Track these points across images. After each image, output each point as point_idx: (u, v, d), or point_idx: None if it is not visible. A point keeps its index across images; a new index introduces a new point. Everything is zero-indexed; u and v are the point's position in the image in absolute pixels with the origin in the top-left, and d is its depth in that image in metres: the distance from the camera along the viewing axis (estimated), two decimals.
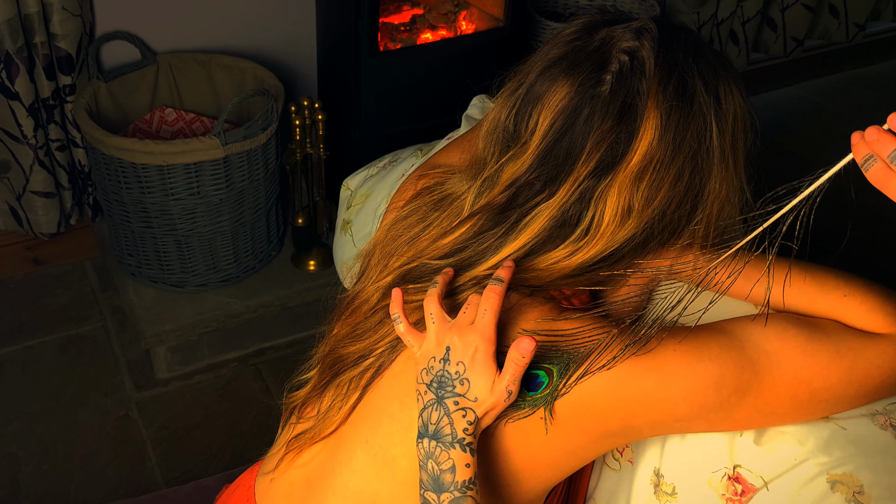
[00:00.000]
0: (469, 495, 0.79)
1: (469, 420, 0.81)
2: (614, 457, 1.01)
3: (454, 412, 0.81)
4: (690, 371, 0.81)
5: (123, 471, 1.83)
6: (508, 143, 0.90)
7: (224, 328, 2.01)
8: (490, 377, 0.81)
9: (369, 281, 0.96)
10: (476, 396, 0.81)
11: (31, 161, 1.98)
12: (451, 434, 0.80)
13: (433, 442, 0.81)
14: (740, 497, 0.88)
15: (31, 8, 1.80)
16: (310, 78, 2.28)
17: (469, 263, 0.89)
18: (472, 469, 0.80)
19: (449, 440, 0.80)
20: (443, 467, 0.80)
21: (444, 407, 0.81)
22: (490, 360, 0.81)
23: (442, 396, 0.82)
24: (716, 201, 0.87)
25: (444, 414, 0.81)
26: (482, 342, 0.81)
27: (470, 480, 0.80)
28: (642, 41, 0.85)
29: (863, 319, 0.87)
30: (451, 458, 0.80)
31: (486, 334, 0.82)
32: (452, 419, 0.81)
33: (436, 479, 0.80)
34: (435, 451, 0.81)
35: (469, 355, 0.82)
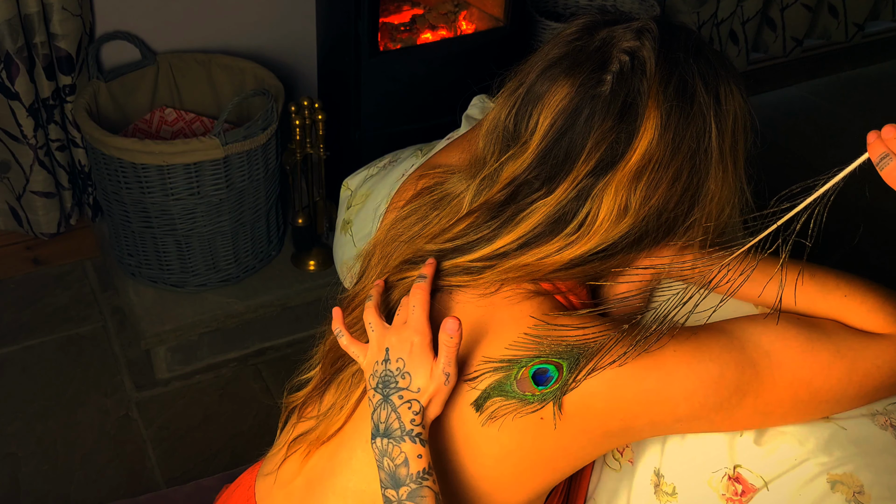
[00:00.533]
0: (425, 485, 0.81)
1: (415, 411, 0.83)
2: (614, 457, 1.02)
3: (400, 406, 0.84)
4: (691, 371, 0.81)
5: (123, 471, 1.83)
6: (508, 142, 0.90)
7: (224, 328, 2.01)
8: (428, 366, 0.84)
9: (369, 280, 0.97)
10: (418, 387, 0.84)
11: (31, 161, 1.98)
12: (399, 428, 0.83)
13: (385, 440, 0.83)
14: (740, 497, 0.88)
15: (31, 8, 1.80)
16: (310, 78, 2.28)
17: (461, 251, 0.89)
18: (424, 459, 0.82)
19: (399, 434, 0.83)
20: (397, 462, 0.82)
21: (391, 404, 0.84)
22: (426, 350, 0.84)
23: (387, 395, 0.85)
24: (714, 201, 0.87)
25: (392, 410, 0.84)
26: (416, 336, 0.85)
27: (424, 471, 0.82)
28: (643, 41, 0.85)
29: (863, 320, 0.87)
30: (402, 451, 0.82)
31: (419, 328, 0.85)
32: (399, 413, 0.83)
33: (392, 475, 0.83)
34: (388, 448, 0.83)
35: (406, 350, 0.85)
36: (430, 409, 0.84)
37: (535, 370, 0.83)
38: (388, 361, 0.86)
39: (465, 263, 0.89)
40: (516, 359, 0.84)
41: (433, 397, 0.84)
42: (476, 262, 0.88)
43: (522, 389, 0.83)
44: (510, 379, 0.83)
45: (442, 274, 0.90)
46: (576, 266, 0.86)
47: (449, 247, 0.90)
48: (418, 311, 0.86)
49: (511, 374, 0.83)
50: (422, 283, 0.88)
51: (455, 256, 0.89)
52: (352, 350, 0.91)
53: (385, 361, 0.86)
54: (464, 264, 0.89)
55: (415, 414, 0.83)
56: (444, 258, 0.90)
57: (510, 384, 0.83)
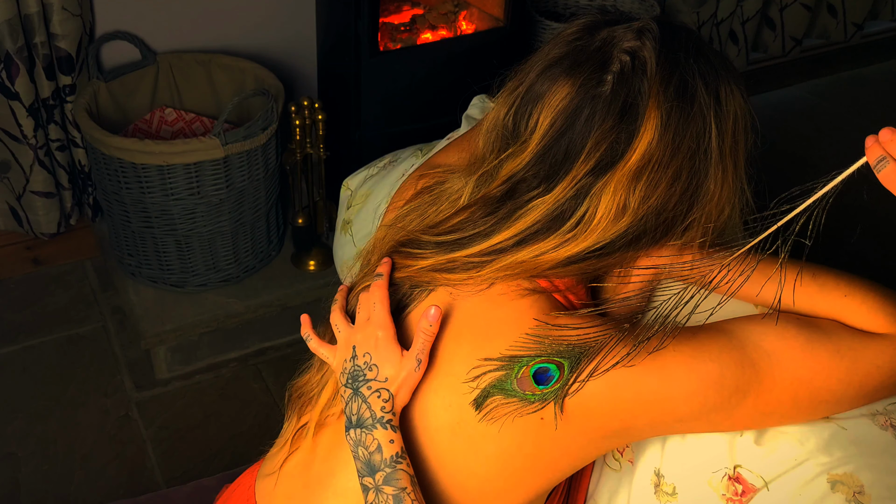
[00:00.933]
0: (399, 468, 0.85)
1: (384, 398, 0.87)
2: (614, 457, 1.02)
3: (370, 396, 0.87)
4: (691, 371, 0.81)
5: (123, 471, 1.83)
6: (508, 141, 0.90)
7: (224, 328, 2.01)
8: (395, 355, 0.87)
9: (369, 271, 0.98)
10: (386, 376, 0.87)
11: (31, 161, 1.98)
12: (370, 416, 0.86)
13: (358, 430, 0.87)
14: (741, 497, 0.88)
15: (31, 8, 1.80)
16: (310, 78, 2.28)
17: (459, 245, 0.89)
18: (397, 444, 0.86)
19: (370, 423, 0.86)
20: (371, 449, 0.86)
21: (361, 396, 0.88)
22: (391, 342, 0.88)
23: (357, 388, 0.88)
24: (714, 201, 0.87)
25: (362, 401, 0.87)
26: (380, 330, 0.89)
27: (398, 454, 0.85)
28: (644, 41, 0.85)
29: (863, 319, 0.87)
30: (375, 438, 0.86)
31: (382, 323, 0.89)
32: (369, 403, 0.87)
33: (368, 463, 0.86)
34: (361, 437, 0.86)
35: (372, 345, 0.89)
36: (399, 395, 0.87)
37: (537, 369, 0.83)
38: (356, 357, 0.90)
39: (462, 259, 0.89)
40: (517, 357, 0.84)
41: (403, 384, 0.87)
42: (473, 258, 0.88)
43: (523, 388, 0.83)
44: (511, 377, 0.83)
45: (439, 270, 0.90)
46: (573, 263, 0.86)
47: (446, 240, 0.90)
48: (379, 307, 0.90)
49: (512, 372, 0.83)
50: (379, 280, 0.92)
51: (452, 251, 0.89)
52: (321, 352, 0.95)
53: (353, 358, 0.90)
54: (461, 259, 0.89)
55: (384, 402, 0.87)
56: (440, 253, 0.90)
57: (510, 383, 0.83)
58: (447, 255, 0.89)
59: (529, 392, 0.83)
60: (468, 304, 0.89)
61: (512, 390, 0.83)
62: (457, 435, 0.87)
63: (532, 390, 0.83)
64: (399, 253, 0.93)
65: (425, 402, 0.88)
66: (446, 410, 0.87)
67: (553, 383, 0.82)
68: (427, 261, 0.90)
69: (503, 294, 0.87)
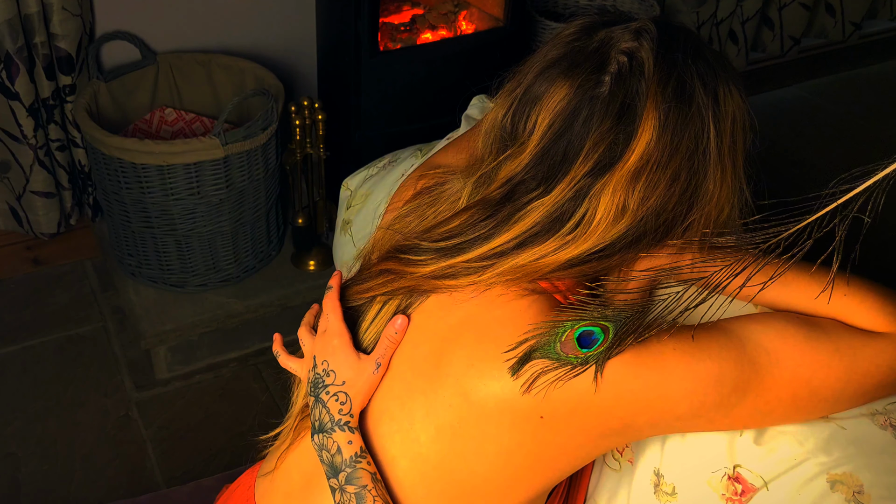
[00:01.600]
0: (359, 467, 0.89)
1: (341, 401, 0.91)
2: (614, 456, 1.02)
3: (329, 401, 0.92)
4: (690, 370, 0.81)
5: (123, 471, 1.83)
6: (506, 142, 0.90)
7: (224, 328, 2.02)
8: (352, 360, 0.92)
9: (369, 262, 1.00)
10: (343, 380, 0.92)
11: (31, 161, 1.98)
12: (330, 420, 0.91)
13: (320, 435, 0.91)
14: (740, 497, 0.88)
15: (31, 8, 1.80)
16: (310, 78, 2.28)
17: (459, 249, 0.89)
18: (355, 444, 0.90)
19: (329, 426, 0.91)
20: (332, 452, 0.90)
21: (321, 402, 0.92)
22: (347, 348, 0.93)
23: (318, 395, 0.93)
24: (713, 202, 0.86)
25: (322, 407, 0.92)
26: (336, 338, 0.94)
27: (357, 454, 0.89)
28: (641, 42, 0.85)
29: (863, 318, 0.87)
30: (335, 441, 0.90)
31: (336, 331, 0.94)
32: (328, 407, 0.91)
33: (331, 465, 0.90)
34: (324, 441, 0.91)
35: (329, 352, 0.94)
36: (357, 398, 0.91)
37: (581, 332, 0.82)
38: (316, 366, 0.95)
39: (463, 264, 0.88)
40: (562, 321, 0.83)
41: (361, 386, 0.91)
42: (474, 262, 0.88)
43: (566, 351, 0.82)
44: (554, 341, 0.83)
45: (440, 277, 0.90)
46: (574, 266, 0.86)
47: (445, 246, 0.90)
48: (332, 317, 0.95)
49: (556, 335, 0.83)
50: (330, 292, 0.98)
51: (452, 256, 0.89)
52: (290, 366, 1.01)
53: (314, 367, 0.95)
54: (461, 265, 0.89)
55: (341, 405, 0.91)
56: (440, 259, 0.90)
57: (553, 346, 0.83)
58: (448, 261, 0.89)
59: (573, 355, 0.82)
60: (468, 305, 0.89)
61: (555, 353, 0.82)
62: (457, 434, 0.87)
63: (575, 353, 0.82)
64: (399, 260, 0.93)
65: (426, 402, 0.88)
66: (447, 410, 0.87)
67: (597, 346, 0.82)
68: (428, 268, 0.90)
69: (502, 295, 0.87)
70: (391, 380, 0.92)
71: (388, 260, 0.94)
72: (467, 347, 0.87)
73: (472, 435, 0.86)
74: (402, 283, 0.92)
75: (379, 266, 0.95)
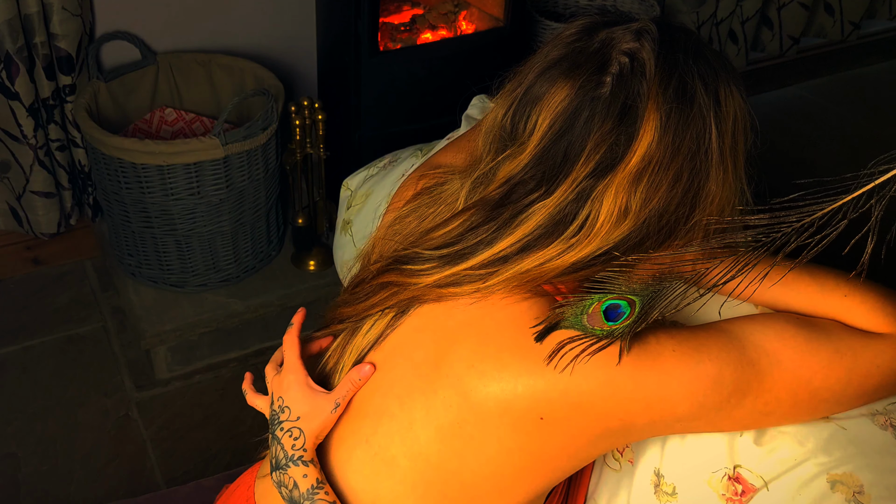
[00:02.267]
0: (317, 498, 0.90)
1: (294, 437, 0.92)
2: (614, 457, 1.02)
3: (283, 438, 0.93)
4: (690, 371, 0.81)
5: (123, 471, 1.83)
6: (506, 142, 0.90)
7: (224, 328, 2.02)
8: (306, 396, 0.94)
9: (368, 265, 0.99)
10: (298, 415, 0.93)
11: (31, 161, 1.98)
12: (285, 457, 0.92)
13: (277, 472, 0.92)
14: (740, 497, 0.88)
15: (31, 8, 1.80)
16: (310, 78, 2.28)
17: (462, 256, 0.89)
18: (311, 477, 0.91)
19: (284, 462, 0.92)
20: (290, 487, 0.91)
21: (276, 438, 0.93)
22: (301, 385, 0.95)
23: (273, 431, 0.94)
24: (715, 203, 0.86)
25: (277, 443, 0.93)
26: (290, 375, 0.96)
27: (313, 486, 0.90)
28: (642, 42, 0.85)
29: (863, 319, 0.87)
30: (291, 476, 0.91)
31: (292, 368, 0.96)
32: (283, 444, 0.93)
33: (290, 500, 0.91)
34: (281, 478, 0.92)
35: (285, 388, 0.95)
36: (312, 433, 0.92)
37: (608, 305, 0.82)
38: (273, 403, 0.96)
39: (466, 271, 0.88)
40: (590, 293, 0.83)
41: (317, 423, 0.92)
42: (477, 269, 0.87)
43: (592, 324, 0.82)
44: (581, 313, 0.83)
45: (444, 286, 0.89)
46: (578, 270, 0.86)
47: (447, 253, 0.90)
48: (289, 355, 0.98)
49: (583, 307, 0.83)
50: (290, 329, 1.01)
51: (455, 263, 0.89)
52: (257, 403, 1.02)
53: (271, 405, 0.97)
54: (464, 272, 0.88)
55: (294, 440, 0.92)
56: (442, 267, 0.90)
57: (580, 318, 0.83)
58: (451, 269, 0.89)
59: (598, 328, 0.82)
60: (469, 307, 0.89)
61: (581, 325, 0.82)
62: (457, 434, 0.87)
63: (601, 326, 0.82)
64: (401, 272, 0.92)
65: (426, 402, 0.88)
66: (447, 410, 0.87)
67: (623, 320, 0.82)
68: (431, 277, 0.89)
69: (503, 298, 0.87)
70: (391, 380, 0.92)
71: (389, 272, 0.93)
72: (468, 348, 0.87)
73: (471, 435, 0.86)
74: (405, 294, 0.92)
75: (379, 279, 0.95)
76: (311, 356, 1.03)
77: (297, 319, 1.03)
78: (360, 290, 0.98)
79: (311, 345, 1.03)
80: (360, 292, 0.97)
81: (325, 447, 0.96)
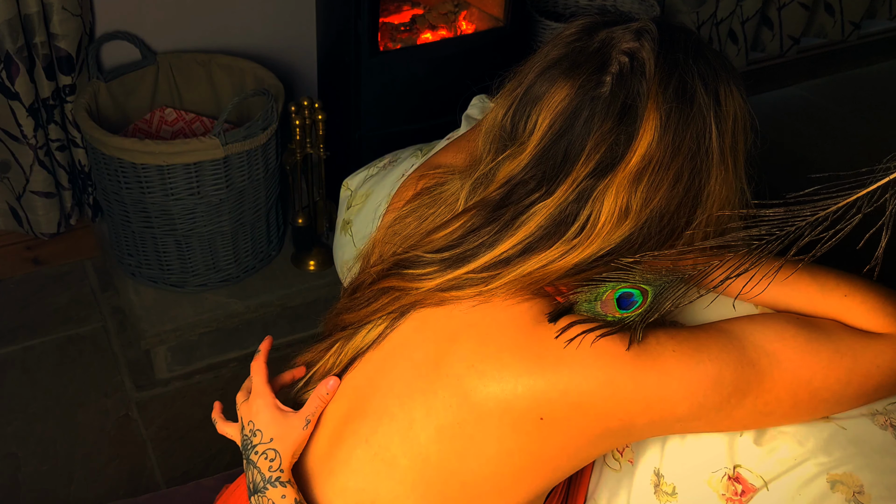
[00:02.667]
0: None
1: (270, 458, 0.93)
2: (614, 457, 1.02)
3: (258, 461, 0.94)
4: (690, 371, 0.81)
5: (123, 471, 1.83)
6: (506, 142, 0.90)
7: (224, 328, 2.01)
8: (275, 418, 0.95)
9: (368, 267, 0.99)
10: (271, 437, 0.94)
11: (31, 161, 1.98)
12: (262, 480, 0.93)
13: (256, 496, 0.93)
14: (740, 497, 0.88)
15: (31, 8, 1.80)
16: (310, 78, 2.28)
17: (463, 259, 0.89)
18: (289, 497, 0.91)
19: (262, 485, 0.92)
20: None
21: (251, 462, 0.94)
22: (270, 407, 0.97)
23: (248, 455, 0.95)
24: (715, 203, 0.86)
25: (253, 467, 0.94)
26: (259, 399, 0.98)
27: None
28: (642, 42, 0.85)
29: (863, 319, 0.87)
30: (269, 498, 0.92)
31: (260, 393, 0.99)
32: (259, 467, 0.93)
33: None
34: (260, 502, 0.92)
35: (255, 412, 0.97)
36: (286, 452, 0.94)
37: (621, 293, 0.83)
38: (244, 428, 0.98)
39: (468, 274, 0.88)
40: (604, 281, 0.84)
41: (290, 442, 0.94)
42: (479, 272, 0.87)
43: (605, 311, 0.83)
44: (594, 300, 0.83)
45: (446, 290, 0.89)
46: (581, 271, 0.86)
47: (448, 256, 0.89)
48: (257, 380, 1.00)
49: (597, 294, 0.83)
50: (258, 356, 1.04)
51: (457, 267, 0.89)
52: (227, 431, 1.04)
53: (242, 429, 0.99)
54: (466, 275, 0.88)
55: (270, 461, 0.93)
56: (444, 271, 0.89)
57: (594, 305, 0.83)
58: (453, 273, 0.88)
59: (611, 315, 0.83)
60: (469, 312, 0.88)
61: (594, 311, 0.83)
62: (457, 434, 0.87)
63: (613, 313, 0.83)
64: (402, 277, 0.92)
65: (426, 402, 0.88)
66: (447, 410, 0.87)
67: (635, 308, 0.82)
68: (433, 282, 0.89)
69: (505, 299, 0.87)
70: (391, 380, 0.92)
71: (390, 277, 0.93)
72: (468, 348, 0.87)
73: (471, 435, 0.86)
74: (406, 300, 0.92)
75: (380, 284, 0.94)
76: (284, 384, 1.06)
77: (263, 347, 1.06)
78: (360, 296, 0.97)
79: (282, 375, 1.06)
80: (361, 297, 0.97)
81: (325, 447, 0.96)
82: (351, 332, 0.98)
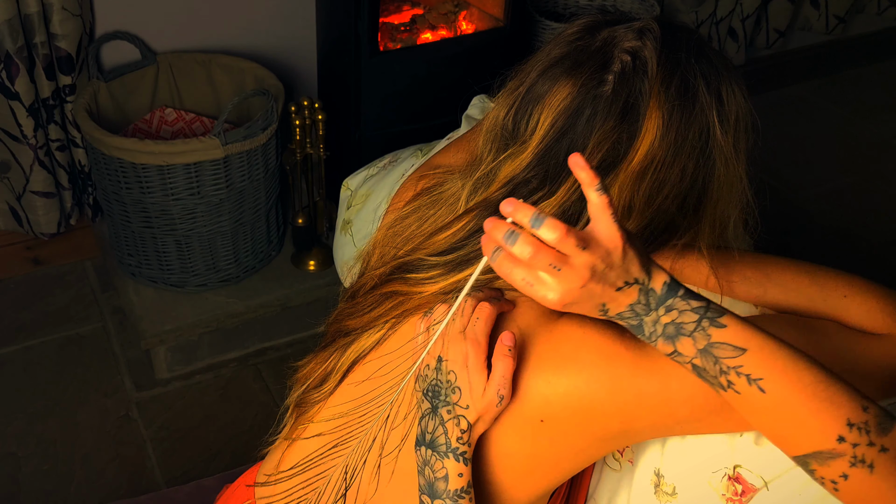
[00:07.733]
0: (462, 502, 0.82)
1: (462, 428, 0.82)
2: (615, 457, 1.02)
3: (448, 421, 0.82)
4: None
5: (123, 471, 1.83)
6: (507, 141, 0.90)
7: (224, 328, 2.01)
8: (481, 383, 0.81)
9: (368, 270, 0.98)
10: (467, 404, 0.82)
11: (31, 161, 1.98)
12: (445, 444, 0.82)
13: (429, 450, 0.83)
14: (740, 497, 0.88)
15: (31, 8, 1.80)
16: (310, 78, 2.28)
17: (467, 262, 0.89)
18: (465, 478, 0.82)
19: (443, 450, 0.82)
20: (437, 475, 0.82)
21: (439, 416, 0.83)
22: (481, 367, 0.81)
23: (436, 406, 0.83)
24: (718, 202, 0.86)
25: (440, 423, 0.83)
26: (472, 349, 0.82)
27: (462, 489, 0.82)
28: (645, 41, 0.85)
29: (862, 320, 0.87)
30: (444, 467, 0.82)
31: (476, 341, 0.82)
32: (447, 428, 0.82)
33: (431, 486, 0.83)
34: (431, 459, 0.83)
35: (460, 364, 0.82)
36: (477, 426, 0.83)
37: None
38: (440, 371, 0.84)
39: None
40: None
41: (482, 416, 0.82)
42: (484, 275, 0.87)
43: None
44: None
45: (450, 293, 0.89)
46: None
47: (451, 259, 0.89)
48: (480, 325, 0.83)
49: None
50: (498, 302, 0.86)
51: (461, 269, 0.88)
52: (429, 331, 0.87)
53: (437, 370, 0.84)
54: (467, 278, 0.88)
55: (462, 432, 0.82)
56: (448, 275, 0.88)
57: None
58: (457, 276, 0.88)
59: None
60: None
61: None
62: None
63: None
64: (406, 281, 0.91)
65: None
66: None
67: None
68: (437, 285, 0.89)
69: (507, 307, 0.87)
70: (392, 383, 0.92)
71: (393, 281, 0.92)
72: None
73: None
74: (410, 304, 0.91)
75: (383, 289, 0.93)
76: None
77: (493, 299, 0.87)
78: (363, 300, 0.96)
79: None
80: (364, 302, 0.95)
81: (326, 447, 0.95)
82: (353, 337, 0.97)
